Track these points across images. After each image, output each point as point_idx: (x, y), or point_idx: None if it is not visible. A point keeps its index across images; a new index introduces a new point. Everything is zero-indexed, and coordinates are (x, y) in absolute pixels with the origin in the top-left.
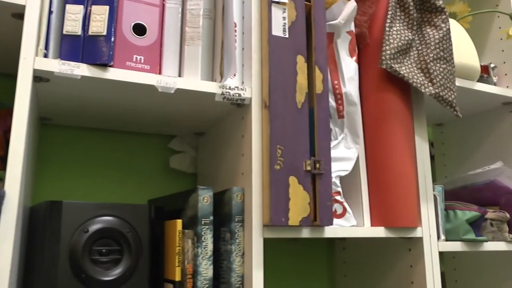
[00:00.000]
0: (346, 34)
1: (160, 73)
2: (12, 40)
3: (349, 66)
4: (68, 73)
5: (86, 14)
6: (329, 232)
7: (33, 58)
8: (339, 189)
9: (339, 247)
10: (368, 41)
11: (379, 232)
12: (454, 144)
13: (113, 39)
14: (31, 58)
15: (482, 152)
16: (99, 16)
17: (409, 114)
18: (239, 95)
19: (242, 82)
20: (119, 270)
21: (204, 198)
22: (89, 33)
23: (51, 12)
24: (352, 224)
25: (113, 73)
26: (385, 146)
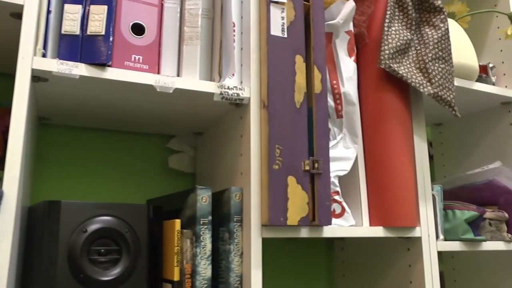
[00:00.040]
0: (345, 34)
1: (159, 73)
2: (10, 40)
3: (348, 66)
4: (67, 73)
5: (85, 14)
6: (328, 232)
7: (31, 58)
8: (338, 189)
9: (338, 247)
10: (367, 41)
11: (378, 232)
12: (453, 144)
13: (112, 39)
14: (29, 58)
15: (481, 152)
16: (98, 16)
17: (408, 114)
18: (238, 95)
19: (241, 82)
20: (118, 270)
21: (203, 198)
22: (88, 33)
23: (50, 12)
24: (351, 224)
25: (112, 73)
26: (384, 146)
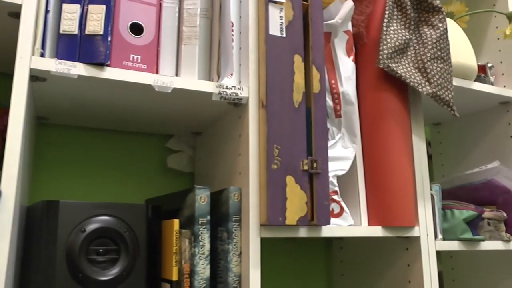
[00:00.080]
0: (344, 34)
1: (157, 73)
2: (9, 39)
3: (346, 66)
4: (65, 73)
5: (83, 13)
6: (326, 232)
7: (30, 57)
8: (336, 189)
9: (337, 247)
10: (366, 41)
11: (377, 232)
12: (452, 144)
13: (110, 39)
14: (28, 57)
15: (480, 152)
16: (96, 16)
17: (407, 114)
18: (236, 95)
19: (239, 82)
20: (116, 270)
21: (201, 198)
22: (86, 32)
23: (48, 11)
24: (350, 224)
25: (110, 73)
26: (383, 146)
